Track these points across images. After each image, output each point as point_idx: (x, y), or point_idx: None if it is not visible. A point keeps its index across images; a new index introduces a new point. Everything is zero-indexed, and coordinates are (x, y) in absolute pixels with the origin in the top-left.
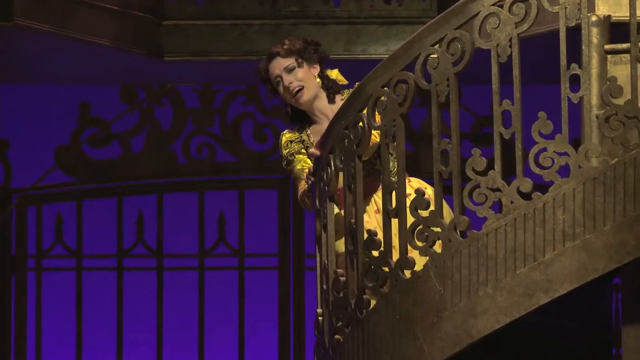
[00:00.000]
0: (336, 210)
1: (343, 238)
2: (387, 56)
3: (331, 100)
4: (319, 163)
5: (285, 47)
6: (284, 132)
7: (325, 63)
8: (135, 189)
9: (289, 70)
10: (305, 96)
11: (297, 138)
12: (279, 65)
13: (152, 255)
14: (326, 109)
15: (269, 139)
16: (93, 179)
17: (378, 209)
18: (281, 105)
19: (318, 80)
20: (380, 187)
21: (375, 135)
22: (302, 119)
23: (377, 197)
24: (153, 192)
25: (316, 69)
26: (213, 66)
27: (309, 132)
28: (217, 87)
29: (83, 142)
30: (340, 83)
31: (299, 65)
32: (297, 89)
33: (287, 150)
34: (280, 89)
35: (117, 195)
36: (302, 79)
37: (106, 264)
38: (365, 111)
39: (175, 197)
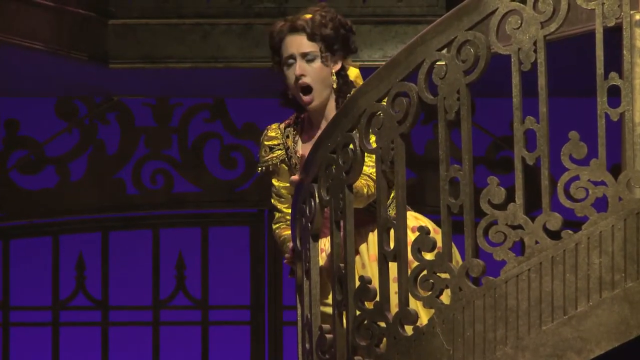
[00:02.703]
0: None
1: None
2: (383, 63)
3: (339, 106)
4: (300, 192)
5: (314, 25)
6: (268, 128)
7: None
8: (75, 226)
9: (308, 59)
10: (315, 101)
11: (280, 143)
12: (298, 44)
13: (95, 307)
14: (331, 114)
15: (238, 165)
16: (22, 214)
17: (356, 250)
18: (253, 123)
19: (334, 78)
20: (368, 221)
21: (369, 183)
22: (300, 107)
23: (357, 235)
24: (96, 230)
25: (337, 66)
26: (170, 75)
27: (297, 138)
28: (175, 101)
29: (10, 168)
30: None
31: (322, 59)
32: (306, 86)
33: (266, 159)
34: (290, 72)
35: (53, 233)
36: (317, 77)
37: (39, 317)
38: (356, 131)
39: (123, 236)
